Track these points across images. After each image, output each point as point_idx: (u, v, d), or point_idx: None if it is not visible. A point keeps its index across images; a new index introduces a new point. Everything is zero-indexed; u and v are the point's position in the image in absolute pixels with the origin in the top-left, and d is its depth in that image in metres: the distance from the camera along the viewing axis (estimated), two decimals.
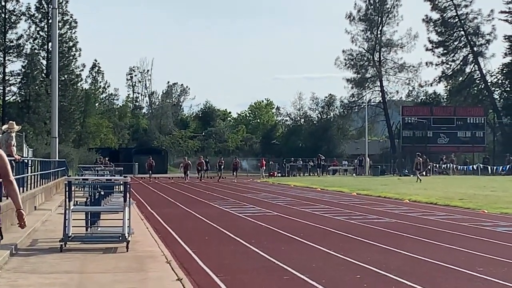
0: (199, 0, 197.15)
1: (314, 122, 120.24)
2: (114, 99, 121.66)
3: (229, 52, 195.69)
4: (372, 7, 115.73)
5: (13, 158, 23.93)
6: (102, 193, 23.69)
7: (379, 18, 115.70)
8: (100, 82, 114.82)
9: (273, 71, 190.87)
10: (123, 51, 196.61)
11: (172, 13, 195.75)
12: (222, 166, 78.17)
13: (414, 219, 27.40)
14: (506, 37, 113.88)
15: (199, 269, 14.85)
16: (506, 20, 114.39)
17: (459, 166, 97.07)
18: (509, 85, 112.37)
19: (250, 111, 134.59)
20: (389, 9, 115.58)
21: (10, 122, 29.37)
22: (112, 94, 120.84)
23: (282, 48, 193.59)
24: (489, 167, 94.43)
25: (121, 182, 21.06)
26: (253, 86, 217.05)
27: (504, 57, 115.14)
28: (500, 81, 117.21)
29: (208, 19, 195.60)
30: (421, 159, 58.57)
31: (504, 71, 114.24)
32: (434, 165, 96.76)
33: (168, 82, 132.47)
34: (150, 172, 74.71)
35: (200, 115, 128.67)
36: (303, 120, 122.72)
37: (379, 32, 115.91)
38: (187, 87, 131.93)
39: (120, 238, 17.66)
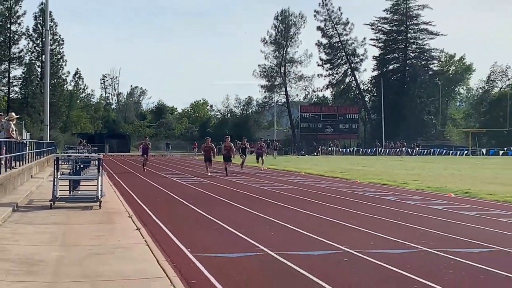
0: (156, 22, 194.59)
1: (237, 116, 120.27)
2: (91, 97, 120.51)
3: (178, 62, 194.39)
4: (279, 34, 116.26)
5: (14, 140, 23.68)
6: (82, 166, 23.50)
7: (285, 42, 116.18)
8: (80, 85, 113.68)
9: (211, 78, 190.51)
10: (98, 62, 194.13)
11: (133, 32, 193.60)
12: (247, 150, 46.36)
13: (308, 186, 27.57)
14: (374, 57, 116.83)
15: (152, 222, 14.74)
16: (374, 45, 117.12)
17: (340, 149, 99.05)
18: (376, 92, 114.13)
19: (191, 108, 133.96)
20: (292, 36, 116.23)
21: (10, 113, 29.09)
22: (89, 94, 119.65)
23: (217, 60, 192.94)
24: (361, 150, 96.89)
25: (96, 158, 20.93)
26: (195, 89, 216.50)
27: (372, 71, 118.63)
28: (369, 89, 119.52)
29: (161, 36, 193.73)
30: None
31: (373, 82, 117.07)
32: (323, 147, 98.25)
33: (131, 86, 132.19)
34: (145, 156, 41.98)
35: (155, 110, 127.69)
36: (229, 114, 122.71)
37: (284, 52, 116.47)
38: (145, 89, 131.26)
39: (95, 199, 17.52)
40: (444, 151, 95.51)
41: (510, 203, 20.31)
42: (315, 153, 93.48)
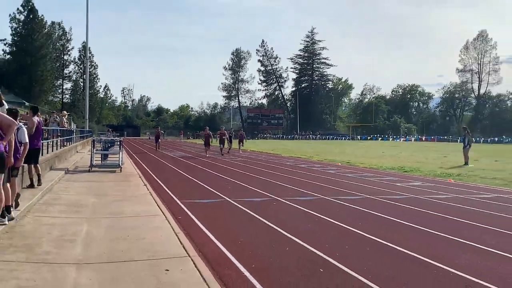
0: (157, 54, 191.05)
1: (208, 115, 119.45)
2: (115, 102, 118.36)
3: (171, 79, 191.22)
4: (234, 63, 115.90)
5: (66, 128, 23.65)
6: (109, 145, 23.18)
7: (238, 69, 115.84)
8: (108, 94, 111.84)
9: (192, 89, 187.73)
10: (120, 79, 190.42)
11: (143, 61, 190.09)
12: (233, 137, 36.18)
13: (251, 158, 27.48)
14: (293, 79, 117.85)
15: (154, 180, 14.58)
16: (293, 71, 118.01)
17: (272, 136, 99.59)
18: (294, 100, 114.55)
19: (179, 109, 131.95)
20: (242, 65, 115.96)
21: (63, 111, 29.24)
22: (114, 99, 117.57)
23: (197, 78, 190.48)
24: (284, 136, 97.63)
25: (118, 140, 20.64)
26: (182, 96, 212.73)
27: (292, 88, 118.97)
28: (290, 98, 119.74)
29: (160, 63, 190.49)
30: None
31: (292, 94, 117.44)
32: (261, 135, 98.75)
33: (141, 94, 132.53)
34: (159, 141, 37.87)
35: (156, 110, 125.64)
36: (203, 113, 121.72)
37: (238, 75, 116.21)
38: (150, 96, 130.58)
39: (118, 166, 17.30)
40: (335, 137, 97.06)
41: (374, 169, 20.77)
42: (256, 138, 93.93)
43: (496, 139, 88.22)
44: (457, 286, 4.95)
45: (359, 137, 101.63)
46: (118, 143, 19.87)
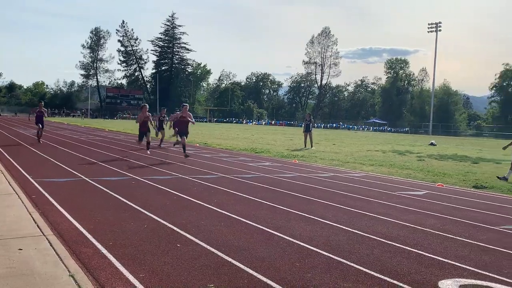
0: (11, 27, 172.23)
1: (64, 92, 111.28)
2: None
3: (26, 55, 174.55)
4: (93, 42, 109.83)
5: None
6: None
7: (97, 48, 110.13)
8: None
9: (49, 67, 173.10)
10: None
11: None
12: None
13: (108, 138, 26.51)
14: (153, 61, 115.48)
15: (5, 158, 13.38)
16: (153, 54, 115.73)
17: (131, 116, 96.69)
18: (154, 82, 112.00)
19: (33, 86, 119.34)
20: (101, 44, 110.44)
21: None
22: None
23: (54, 56, 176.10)
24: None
25: None
26: (37, 73, 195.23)
27: (152, 70, 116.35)
28: (150, 80, 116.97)
29: (15, 36, 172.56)
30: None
31: (152, 76, 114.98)
32: (120, 115, 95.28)
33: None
34: (40, 125, 20.37)
35: (8, 86, 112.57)
36: (59, 91, 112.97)
37: (97, 54, 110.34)
38: (1, 72, 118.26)
39: None
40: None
41: (228, 150, 21.38)
42: (115, 118, 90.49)
43: (334, 125, 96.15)
44: (295, 252, 5.40)
45: (215, 119, 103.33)
46: None
